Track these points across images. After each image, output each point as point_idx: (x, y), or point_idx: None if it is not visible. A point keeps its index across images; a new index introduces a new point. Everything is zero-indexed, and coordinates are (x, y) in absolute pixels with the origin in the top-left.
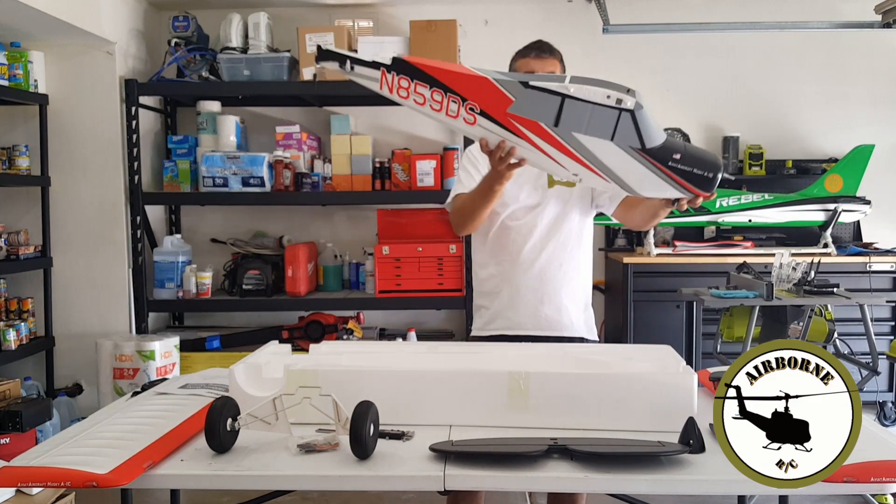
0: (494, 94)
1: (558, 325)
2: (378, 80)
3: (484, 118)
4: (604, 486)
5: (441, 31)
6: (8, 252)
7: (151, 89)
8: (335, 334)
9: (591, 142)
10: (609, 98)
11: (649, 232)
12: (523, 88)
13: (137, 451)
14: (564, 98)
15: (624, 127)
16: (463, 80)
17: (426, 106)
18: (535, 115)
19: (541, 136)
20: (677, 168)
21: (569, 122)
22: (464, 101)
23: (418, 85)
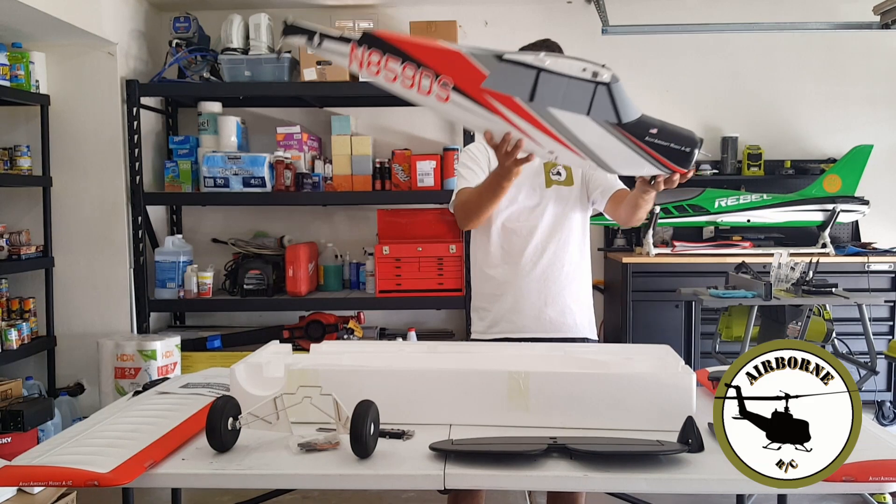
0: (467, 69)
1: (562, 327)
2: (347, 55)
3: (457, 94)
4: (603, 485)
5: (441, 31)
6: (9, 252)
7: (152, 90)
8: (336, 334)
9: (567, 117)
10: (585, 71)
11: (648, 232)
12: (497, 62)
13: (138, 451)
14: (539, 71)
15: (600, 101)
16: (436, 54)
17: (398, 83)
18: (509, 89)
19: (516, 111)
20: (654, 143)
21: (544, 96)
22: (437, 76)
23: (390, 59)
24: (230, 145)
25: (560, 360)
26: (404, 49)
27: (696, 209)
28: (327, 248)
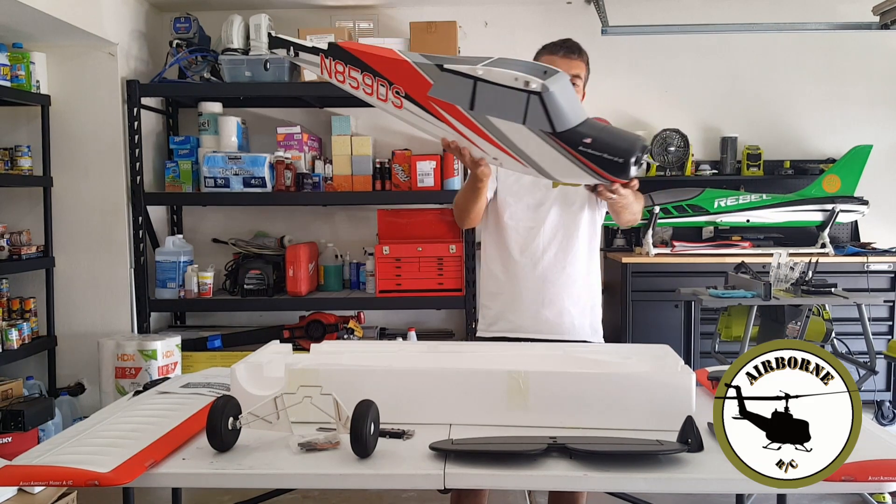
0: (415, 77)
1: (559, 329)
2: (318, 64)
3: (409, 101)
4: (603, 485)
5: (441, 32)
6: (10, 252)
7: (153, 90)
8: (336, 334)
9: (505, 125)
10: (517, 81)
11: (648, 232)
12: (439, 71)
13: (139, 450)
14: (476, 81)
15: (534, 110)
16: (388, 63)
17: (360, 90)
18: (452, 98)
19: (459, 119)
20: (587, 153)
21: (483, 105)
22: (391, 84)
23: (351, 69)
24: (230, 145)
25: (560, 360)
26: (363, 59)
27: (695, 209)
28: (327, 248)
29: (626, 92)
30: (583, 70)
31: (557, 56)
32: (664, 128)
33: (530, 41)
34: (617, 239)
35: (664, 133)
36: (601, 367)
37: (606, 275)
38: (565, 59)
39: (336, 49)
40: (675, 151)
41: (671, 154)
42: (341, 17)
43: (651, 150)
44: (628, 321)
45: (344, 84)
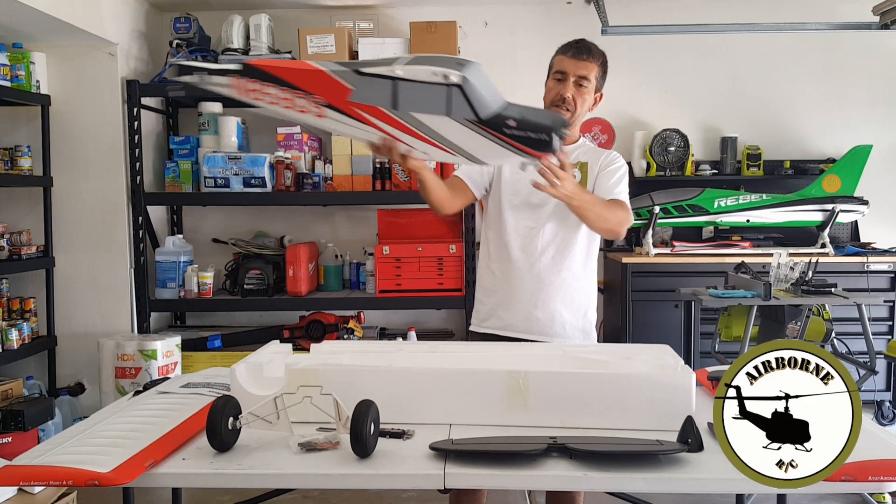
0: (334, 86)
1: (550, 331)
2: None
3: (330, 110)
4: (603, 485)
5: (441, 32)
6: (10, 252)
7: (153, 90)
8: (336, 334)
9: (430, 119)
10: (435, 76)
11: (648, 232)
12: (357, 76)
13: (139, 450)
14: (396, 81)
15: (456, 101)
16: (304, 75)
17: (277, 105)
18: (373, 100)
19: (384, 119)
20: (513, 135)
21: (406, 103)
22: (310, 95)
23: (266, 86)
24: (230, 145)
25: (560, 360)
26: (278, 74)
27: (695, 209)
28: (327, 248)
29: (626, 92)
30: (592, 71)
31: (567, 56)
32: (664, 128)
33: (530, 41)
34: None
35: (664, 133)
36: (601, 367)
37: (606, 275)
38: (573, 60)
39: (250, 69)
40: (675, 151)
41: (671, 154)
42: (341, 17)
43: (652, 149)
44: (628, 321)
45: (261, 102)
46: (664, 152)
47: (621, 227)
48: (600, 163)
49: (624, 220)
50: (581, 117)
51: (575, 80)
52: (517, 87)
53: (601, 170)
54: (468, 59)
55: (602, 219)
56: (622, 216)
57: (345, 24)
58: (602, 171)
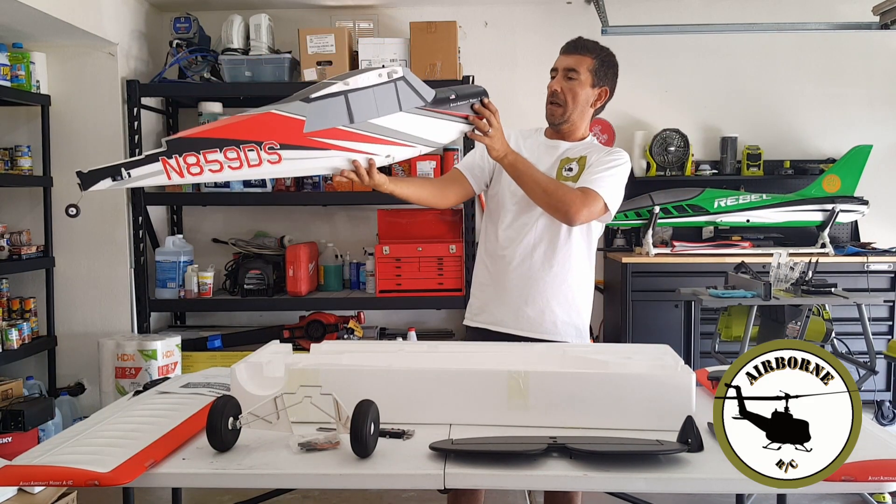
0: (284, 123)
1: (540, 328)
2: (163, 171)
3: (287, 150)
4: (602, 485)
5: (441, 32)
6: (10, 252)
7: (153, 90)
8: (336, 334)
9: (386, 120)
10: (381, 76)
11: (648, 232)
12: (306, 104)
13: (139, 450)
14: (346, 94)
15: (404, 93)
16: (248, 125)
17: (224, 171)
18: (329, 122)
19: (344, 138)
20: (458, 105)
21: (360, 113)
22: (260, 144)
23: (207, 153)
24: None
25: (559, 360)
26: (216, 136)
27: (695, 209)
28: (327, 248)
29: (626, 92)
30: (582, 64)
31: (560, 54)
32: (664, 128)
33: (530, 41)
34: (617, 239)
35: (664, 133)
36: (601, 367)
37: (606, 275)
38: (563, 55)
39: (178, 142)
40: (675, 151)
41: (671, 154)
42: (341, 18)
43: (651, 149)
44: (628, 321)
45: (202, 175)
46: (664, 152)
47: (570, 209)
48: (599, 156)
49: (574, 203)
50: (578, 112)
51: (563, 74)
52: (517, 87)
53: (596, 161)
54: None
55: (542, 190)
56: (572, 197)
57: (345, 24)
58: (595, 162)
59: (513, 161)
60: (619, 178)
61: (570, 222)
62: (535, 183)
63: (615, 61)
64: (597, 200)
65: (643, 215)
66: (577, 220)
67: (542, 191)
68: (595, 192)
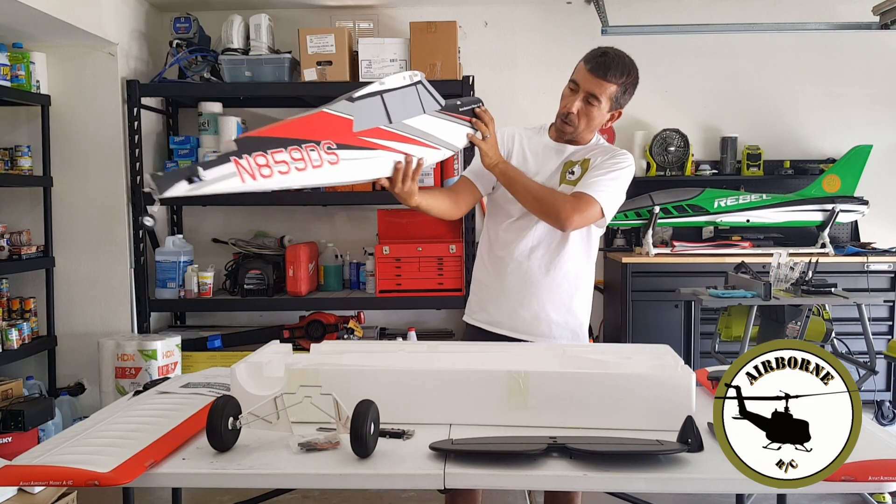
0: (336, 123)
1: (535, 331)
2: (236, 172)
3: (343, 150)
4: (602, 485)
5: (441, 32)
6: (10, 252)
7: (153, 90)
8: (336, 334)
9: (415, 122)
10: (405, 78)
11: (648, 232)
12: (351, 104)
13: (139, 450)
14: (382, 94)
15: (424, 97)
16: (305, 125)
17: (291, 172)
18: (372, 122)
19: (387, 138)
20: (464, 110)
21: (395, 113)
22: (318, 143)
23: (274, 153)
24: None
25: (559, 360)
26: (279, 135)
27: (695, 209)
28: (327, 248)
29: None
30: (606, 91)
31: (586, 67)
32: (664, 128)
33: (530, 41)
34: (617, 239)
35: (664, 133)
36: (601, 367)
37: (606, 275)
38: (589, 74)
39: (246, 141)
40: (675, 151)
41: (671, 154)
42: (341, 17)
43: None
44: (628, 321)
45: (272, 178)
46: (664, 152)
47: (561, 215)
48: (603, 159)
49: (565, 208)
50: (588, 131)
51: (583, 96)
52: (517, 87)
53: (598, 164)
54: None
55: (532, 197)
56: (563, 203)
57: (345, 24)
58: (597, 165)
59: (504, 169)
60: (618, 181)
61: (563, 228)
62: (527, 190)
63: (637, 81)
64: (591, 205)
65: (643, 215)
66: (569, 226)
67: (532, 198)
68: (590, 196)
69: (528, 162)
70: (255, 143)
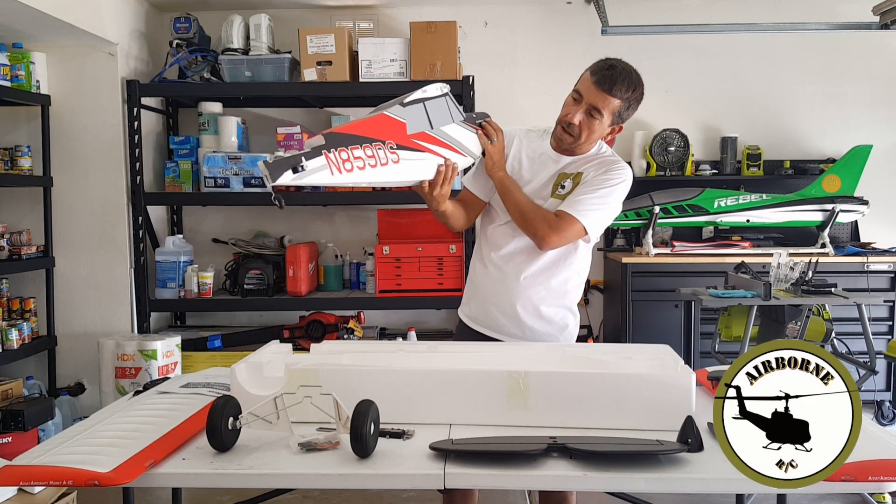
0: (394, 125)
1: (507, 332)
2: (327, 165)
3: (401, 150)
4: (602, 485)
5: (441, 32)
6: (10, 252)
7: (153, 90)
8: (336, 334)
9: (450, 129)
10: (438, 89)
11: (648, 232)
12: (403, 108)
13: (139, 450)
14: (424, 101)
15: (452, 107)
16: (373, 125)
17: (366, 169)
18: (420, 126)
19: (432, 142)
20: (478, 122)
21: (435, 120)
22: (384, 143)
23: (353, 150)
24: (231, 145)
25: (559, 360)
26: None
27: (695, 209)
28: (327, 248)
29: None
30: (609, 106)
31: (592, 79)
32: (664, 128)
33: (530, 41)
34: (617, 239)
35: (664, 133)
36: (601, 367)
37: (606, 275)
38: (594, 87)
39: (333, 136)
40: (675, 151)
41: (671, 154)
42: (341, 17)
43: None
44: (628, 321)
45: (352, 173)
46: (664, 152)
47: (538, 234)
48: (596, 173)
49: (542, 229)
50: (588, 142)
51: (586, 109)
52: (517, 87)
53: (590, 180)
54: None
55: (519, 212)
56: (542, 223)
57: (345, 24)
58: (588, 181)
59: (502, 178)
60: (608, 199)
61: (541, 247)
62: (516, 204)
63: (641, 97)
64: (572, 226)
65: (643, 215)
66: (546, 246)
67: (519, 212)
68: (572, 217)
69: (522, 168)
70: (339, 139)
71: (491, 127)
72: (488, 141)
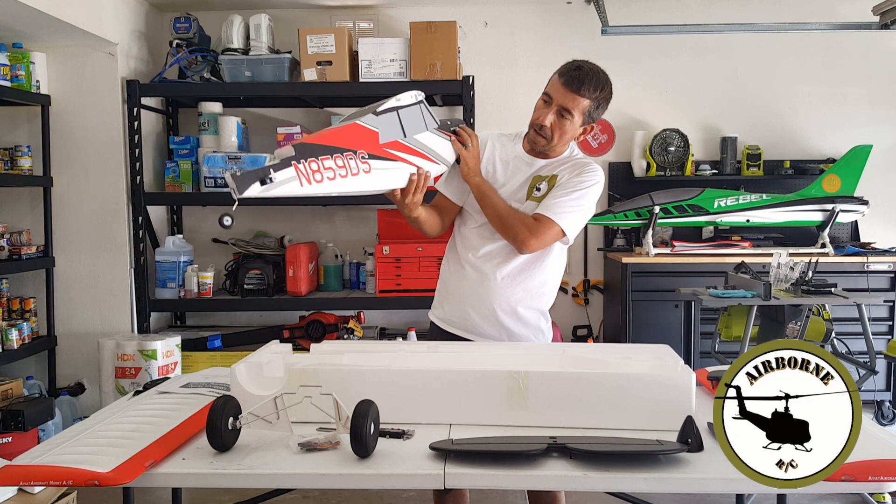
0: (367, 134)
1: (484, 333)
2: (296, 176)
3: (373, 160)
4: (602, 485)
5: (441, 32)
6: (10, 252)
7: (153, 90)
8: (336, 334)
9: (423, 137)
10: (412, 96)
11: (648, 232)
12: (376, 117)
13: (139, 450)
14: (398, 110)
15: (426, 115)
16: (344, 135)
17: (336, 179)
18: (393, 135)
19: (404, 151)
20: (452, 130)
21: (409, 128)
22: (355, 153)
23: (323, 160)
24: (230, 145)
25: (559, 360)
26: (326, 143)
27: (695, 209)
28: (327, 248)
29: (626, 92)
30: (578, 106)
31: (560, 80)
32: (664, 128)
33: (530, 41)
34: (617, 239)
35: (664, 133)
36: (601, 367)
37: (606, 275)
38: (563, 88)
39: (303, 147)
40: (675, 151)
41: (671, 154)
42: (341, 17)
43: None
44: (628, 321)
45: (322, 183)
46: (664, 152)
47: (517, 238)
48: (570, 176)
49: (521, 232)
50: (560, 144)
51: (556, 110)
52: (517, 87)
53: (565, 182)
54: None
55: (497, 216)
56: (521, 227)
57: (345, 24)
58: (562, 184)
59: (479, 183)
60: (583, 200)
61: (521, 251)
62: (493, 208)
63: (610, 96)
64: (550, 228)
65: (643, 215)
66: (526, 250)
67: (497, 217)
68: (550, 219)
69: (496, 171)
70: (309, 150)
71: (465, 133)
72: (463, 147)
